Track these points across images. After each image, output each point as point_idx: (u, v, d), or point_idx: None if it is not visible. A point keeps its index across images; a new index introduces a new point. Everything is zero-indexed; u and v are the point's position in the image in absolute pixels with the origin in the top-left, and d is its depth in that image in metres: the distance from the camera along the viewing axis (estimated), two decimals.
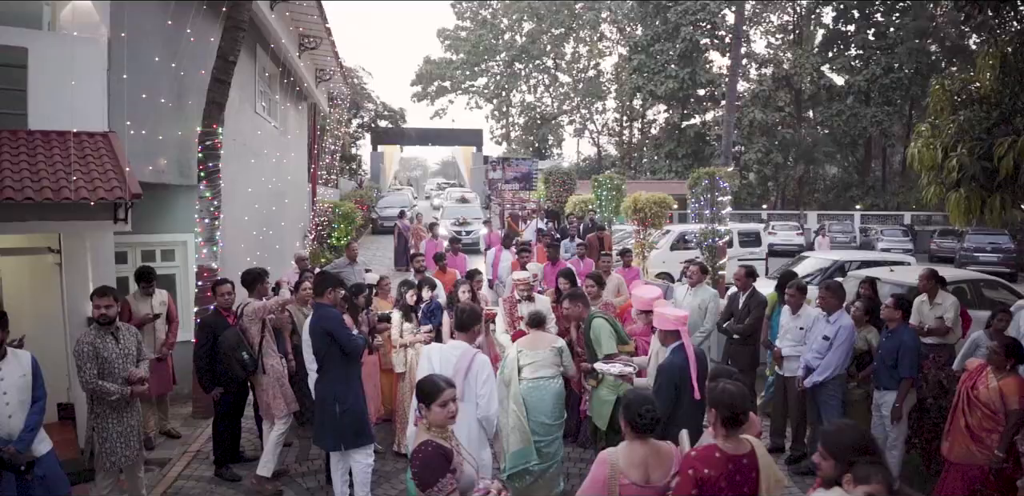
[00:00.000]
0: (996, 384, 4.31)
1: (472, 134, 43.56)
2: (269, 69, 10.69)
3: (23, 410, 3.87)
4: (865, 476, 2.17)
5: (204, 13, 6.51)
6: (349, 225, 18.27)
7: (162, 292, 6.28)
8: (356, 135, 36.89)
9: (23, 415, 3.86)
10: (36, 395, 3.97)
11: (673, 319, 4.03)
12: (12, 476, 3.71)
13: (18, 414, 3.85)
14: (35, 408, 3.93)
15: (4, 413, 3.79)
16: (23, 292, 6.08)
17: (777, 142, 30.97)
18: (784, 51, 32.92)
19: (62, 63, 5.22)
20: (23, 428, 3.83)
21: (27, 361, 3.99)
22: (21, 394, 3.88)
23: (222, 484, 5.33)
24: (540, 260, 10.20)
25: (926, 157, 7.16)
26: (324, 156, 16.69)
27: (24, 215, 4.74)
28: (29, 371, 3.96)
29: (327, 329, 4.46)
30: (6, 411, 3.80)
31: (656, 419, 2.79)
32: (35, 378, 3.98)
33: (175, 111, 6.80)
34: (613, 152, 42.98)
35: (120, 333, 4.58)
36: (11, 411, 3.82)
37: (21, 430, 3.81)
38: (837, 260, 11.21)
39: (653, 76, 31.88)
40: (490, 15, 42.73)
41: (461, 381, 3.78)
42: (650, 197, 11.90)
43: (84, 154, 5.12)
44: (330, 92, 16.71)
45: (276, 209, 9.70)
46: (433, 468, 2.79)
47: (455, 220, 19.87)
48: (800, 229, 25.61)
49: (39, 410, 3.96)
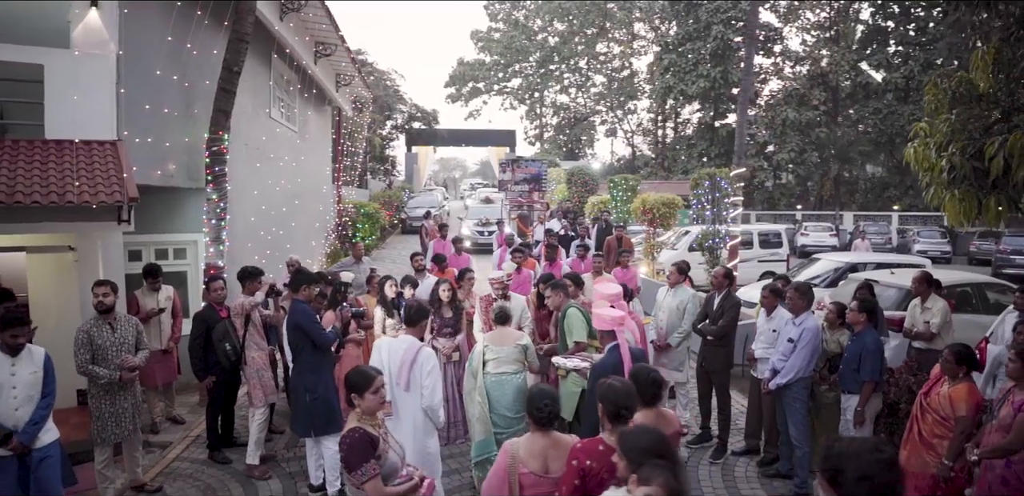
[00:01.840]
0: (947, 391, 4.29)
1: (505, 135, 43.88)
2: (286, 75, 11.18)
3: (31, 404, 4.09)
4: (647, 477, 2.15)
5: (207, 27, 6.95)
6: (374, 225, 18.79)
7: (168, 288, 6.73)
8: (389, 137, 37.62)
9: (30, 409, 4.08)
10: (45, 392, 4.17)
11: (609, 319, 4.18)
12: (15, 461, 3.99)
13: (25, 408, 4.07)
14: (42, 403, 4.14)
15: (11, 406, 4.02)
16: (48, 287, 6.63)
17: (812, 141, 30.35)
18: (820, 48, 32.24)
19: (75, 78, 5.71)
20: (28, 421, 4.04)
21: (40, 358, 4.19)
22: (30, 389, 4.10)
23: (213, 466, 5.74)
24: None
25: (921, 157, 7.10)
26: (349, 158, 17.19)
27: (34, 217, 5.21)
28: (40, 368, 4.16)
29: (299, 323, 4.81)
30: (13, 404, 4.03)
31: (553, 413, 2.99)
32: (46, 375, 4.18)
33: (183, 119, 7.27)
34: (648, 152, 42.75)
35: (118, 323, 4.99)
36: (18, 404, 4.05)
37: (26, 423, 4.03)
38: (849, 262, 11.09)
39: (684, 75, 31.65)
40: (523, 17, 42.99)
41: (407, 372, 4.06)
42: (658, 198, 12.02)
43: (92, 161, 5.58)
44: (354, 96, 17.21)
45: (288, 210, 10.16)
46: (359, 453, 3.02)
47: (478, 220, 20.19)
48: (833, 230, 25.10)
49: (46, 406, 4.17)
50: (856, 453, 1.83)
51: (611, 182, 14.80)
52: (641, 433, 2.50)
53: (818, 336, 5.31)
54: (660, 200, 11.95)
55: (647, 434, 2.47)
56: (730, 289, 6.24)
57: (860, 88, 31.18)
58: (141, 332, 5.15)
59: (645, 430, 2.54)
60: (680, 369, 6.67)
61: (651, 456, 2.29)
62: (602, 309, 4.42)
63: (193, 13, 6.87)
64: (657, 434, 2.49)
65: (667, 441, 2.48)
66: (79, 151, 5.59)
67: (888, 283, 8.22)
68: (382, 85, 33.32)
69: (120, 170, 5.51)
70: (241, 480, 5.47)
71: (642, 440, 2.42)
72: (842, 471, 1.82)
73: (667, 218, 12.01)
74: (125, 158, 5.68)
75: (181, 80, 7.02)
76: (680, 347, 6.61)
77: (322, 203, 13.63)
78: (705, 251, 10.74)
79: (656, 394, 3.26)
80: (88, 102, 5.77)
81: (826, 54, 31.61)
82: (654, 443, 2.40)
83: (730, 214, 11.93)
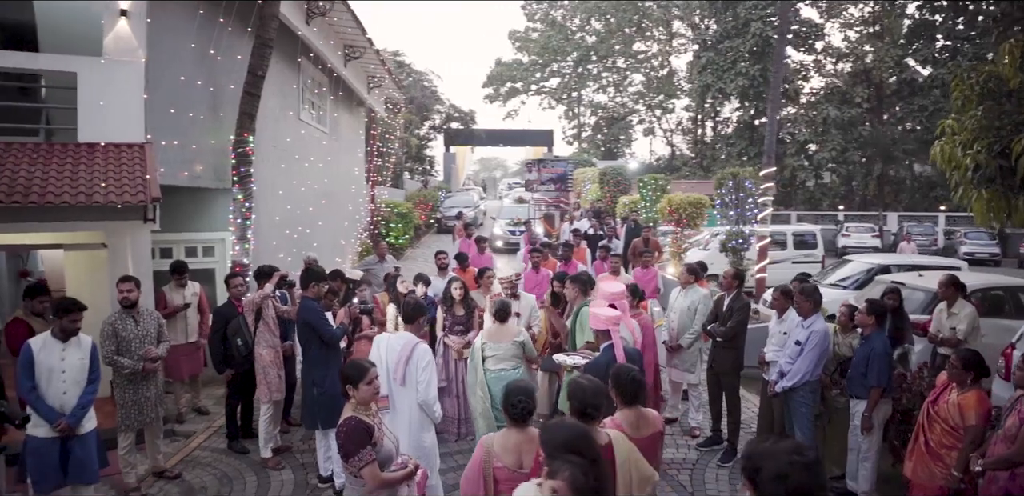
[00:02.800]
0: (955, 398, 4.17)
1: (542, 134, 43.91)
2: (316, 78, 11.48)
3: (78, 389, 4.42)
4: (555, 471, 2.17)
5: (231, 33, 7.22)
6: (407, 224, 19.08)
7: (194, 284, 7.02)
8: (427, 137, 38.06)
9: (77, 393, 4.41)
10: (91, 377, 4.51)
11: (604, 319, 4.23)
12: (59, 443, 4.32)
13: (73, 392, 4.39)
14: (88, 389, 4.47)
15: (60, 389, 4.35)
16: (84, 282, 6.98)
17: (854, 140, 29.49)
18: (864, 44, 31.28)
19: (105, 84, 6.03)
20: (75, 405, 4.38)
21: (87, 345, 4.54)
22: (78, 375, 4.43)
23: (231, 456, 5.98)
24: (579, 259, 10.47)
25: (948, 155, 6.89)
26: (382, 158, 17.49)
27: (66, 216, 5.52)
28: (88, 355, 4.51)
29: (307, 320, 4.99)
30: (62, 388, 4.35)
31: (527, 410, 3.05)
32: (92, 362, 4.54)
33: (210, 122, 7.56)
34: (687, 152, 42.20)
35: (141, 316, 5.27)
36: (67, 388, 4.37)
37: (73, 407, 4.38)
38: (880, 263, 10.80)
39: (722, 74, 31.15)
40: (560, 16, 42.93)
41: (403, 368, 4.18)
42: (685, 197, 11.89)
43: (120, 163, 5.87)
44: (386, 97, 17.51)
45: (314, 209, 10.44)
46: (355, 440, 3.17)
47: (510, 220, 20.33)
48: (876, 231, 24.38)
49: (92, 391, 4.48)
50: (774, 453, 1.83)
51: (640, 182, 14.69)
52: (561, 428, 2.53)
53: (826, 339, 5.22)
54: (687, 200, 11.82)
55: (566, 429, 2.50)
56: (740, 290, 6.18)
57: (905, 85, 30.16)
58: (163, 325, 5.41)
59: (566, 425, 2.56)
60: (692, 370, 6.66)
61: (566, 451, 2.30)
62: (599, 308, 4.47)
63: (216, 20, 7.14)
64: (577, 430, 2.51)
65: (587, 437, 2.49)
66: (108, 153, 5.89)
67: (915, 286, 8.00)
68: (419, 86, 33.74)
69: (145, 171, 5.78)
70: (256, 470, 5.69)
71: (560, 435, 2.45)
72: (760, 469, 1.82)
73: (694, 218, 11.86)
74: (151, 160, 5.95)
75: (206, 85, 7.31)
76: (692, 348, 6.59)
77: (352, 202, 13.92)
78: (730, 252, 10.57)
79: (636, 394, 3.28)
80: (117, 107, 6.08)
81: (870, 50, 30.65)
82: (571, 438, 2.41)
83: (759, 214, 11.74)
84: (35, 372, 4.30)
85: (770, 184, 11.74)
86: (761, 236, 11.91)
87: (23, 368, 4.29)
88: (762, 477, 1.82)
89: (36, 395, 4.29)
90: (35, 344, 4.37)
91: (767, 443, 1.93)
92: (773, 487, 1.79)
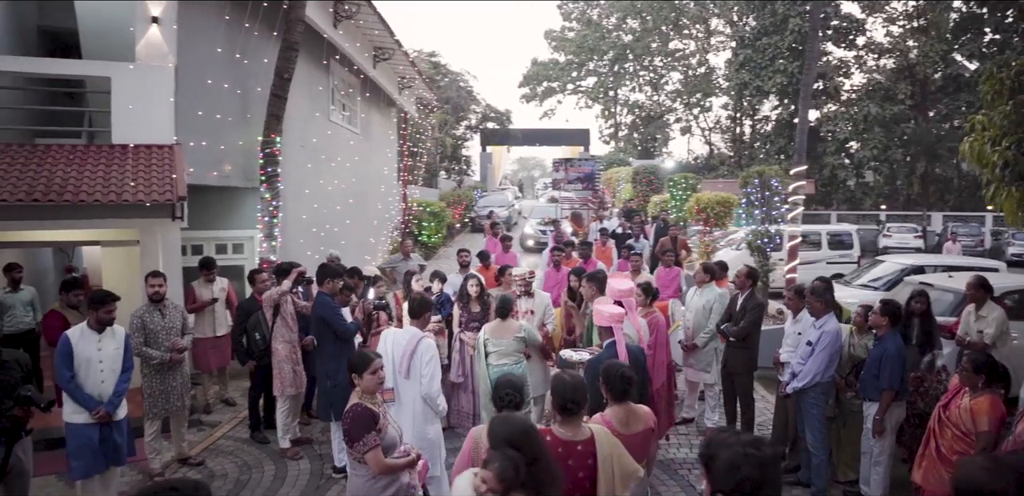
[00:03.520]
0: (967, 403, 4.07)
1: (579, 134, 43.75)
2: (346, 79, 11.74)
3: (114, 378, 4.66)
4: (487, 462, 2.26)
5: (257, 38, 7.48)
6: (439, 223, 19.31)
7: (223, 280, 7.28)
8: (463, 137, 38.31)
9: (113, 381, 4.66)
10: (125, 366, 4.75)
11: (608, 316, 4.27)
12: (98, 428, 4.56)
13: (110, 380, 4.64)
14: (123, 377, 4.72)
15: (99, 378, 4.58)
16: (120, 277, 7.33)
17: (897, 137, 28.57)
18: (907, 39, 30.27)
19: (137, 88, 6.32)
20: (112, 393, 4.63)
21: (121, 336, 4.78)
22: (114, 364, 4.68)
23: (253, 445, 6.21)
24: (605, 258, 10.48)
25: (977, 152, 6.70)
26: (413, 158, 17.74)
27: (99, 214, 5.82)
28: (121, 345, 4.77)
29: (321, 314, 5.15)
30: (100, 377, 4.59)
31: (514, 402, 3.12)
32: (125, 351, 4.80)
33: (238, 124, 7.84)
34: (725, 150, 41.52)
35: (167, 310, 5.53)
36: (104, 377, 4.61)
37: (111, 394, 4.63)
38: (912, 264, 10.50)
39: (760, 71, 30.55)
40: (596, 15, 42.70)
41: (407, 361, 4.29)
42: (713, 197, 11.78)
43: (150, 163, 6.15)
44: (419, 98, 17.75)
45: (342, 208, 10.69)
46: (360, 425, 3.30)
47: (540, 219, 20.38)
48: (919, 231, 23.62)
49: (126, 379, 4.74)
50: (730, 444, 1.87)
51: (670, 181, 14.58)
52: (505, 422, 2.59)
53: (838, 340, 5.14)
54: (715, 199, 11.70)
55: (511, 425, 2.56)
56: (753, 289, 6.13)
57: (951, 80, 29.07)
58: (186, 318, 5.66)
59: (512, 421, 2.62)
60: (708, 370, 6.62)
61: (506, 445, 2.39)
62: (603, 305, 4.51)
63: (242, 24, 7.40)
64: (521, 425, 2.56)
65: (529, 434, 2.52)
66: (139, 154, 6.18)
67: (944, 287, 7.76)
68: (455, 86, 34.00)
69: (173, 171, 6.04)
70: (275, 459, 5.89)
71: (504, 429, 2.52)
72: (715, 458, 1.87)
73: (722, 217, 11.73)
74: (179, 161, 6.21)
75: (234, 87, 7.58)
76: (707, 348, 6.55)
77: (382, 201, 14.17)
78: (755, 251, 10.41)
79: (626, 390, 3.31)
80: (149, 110, 6.37)
81: (914, 45, 29.64)
82: (513, 433, 2.48)
83: (789, 213, 11.54)
84: (73, 362, 4.51)
85: (801, 183, 11.53)
86: (792, 235, 11.71)
87: (61, 359, 4.51)
88: (716, 466, 1.87)
89: (75, 384, 4.50)
90: (72, 335, 4.59)
91: (727, 434, 1.98)
92: (724, 476, 1.84)
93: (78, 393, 4.51)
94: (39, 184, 5.55)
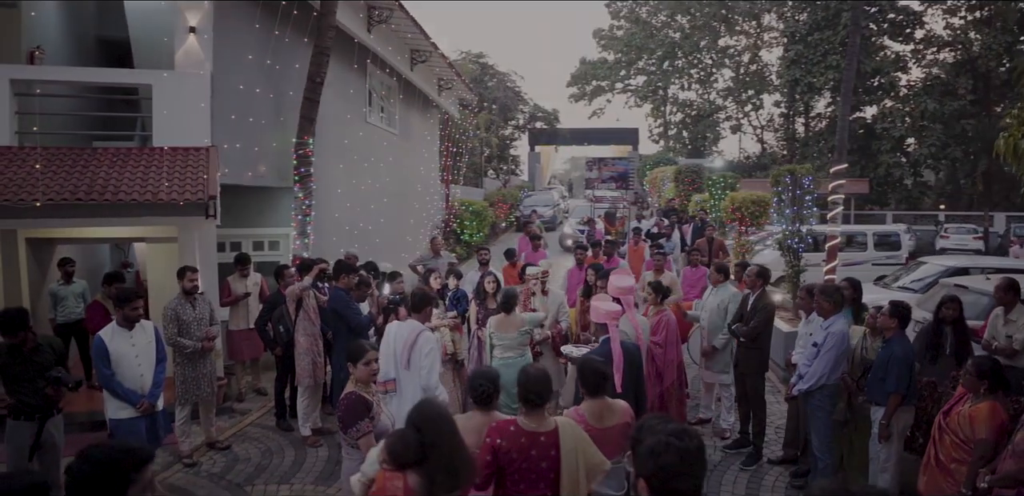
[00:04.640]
0: (967, 410, 3.98)
1: (627, 133, 43.35)
2: (384, 81, 12.08)
3: (151, 370, 4.88)
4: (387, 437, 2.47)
5: (289, 44, 7.83)
6: (482, 222, 19.58)
7: (256, 275, 7.66)
8: (511, 137, 38.56)
9: (152, 373, 4.89)
10: (159, 357, 4.98)
11: (604, 313, 4.35)
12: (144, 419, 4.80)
13: (148, 373, 4.86)
14: (159, 368, 4.95)
15: (137, 372, 4.79)
16: (163, 272, 7.80)
17: (956, 134, 27.26)
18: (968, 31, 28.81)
19: (176, 94, 6.74)
20: (152, 384, 4.86)
21: (151, 329, 4.98)
22: (148, 357, 4.89)
23: (278, 432, 6.54)
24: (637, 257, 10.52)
25: (1011, 147, 6.46)
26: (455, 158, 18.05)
27: (138, 212, 6.25)
28: (153, 338, 4.96)
29: (335, 308, 5.42)
30: (138, 371, 4.80)
31: (487, 393, 3.25)
32: (158, 343, 5.00)
33: (272, 126, 8.23)
34: (777, 149, 40.47)
35: (197, 302, 5.89)
36: (143, 371, 4.83)
37: (151, 386, 4.89)
38: (954, 266, 10.12)
39: (812, 67, 29.65)
40: (645, 13, 42.23)
41: (408, 353, 4.49)
42: (748, 196, 11.60)
43: (186, 164, 6.55)
44: (460, 99, 18.03)
45: (376, 207, 11.02)
46: (354, 412, 3.51)
47: (580, 219, 20.43)
48: (979, 233, 22.53)
49: (162, 370, 4.97)
50: (657, 430, 1.91)
51: (708, 180, 14.40)
52: (419, 407, 2.71)
53: (844, 341, 5.06)
54: (749, 198, 11.52)
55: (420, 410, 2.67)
56: (764, 289, 6.08)
57: (1015, 74, 27.53)
58: (214, 310, 6.01)
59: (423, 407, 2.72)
60: (727, 371, 6.58)
61: (411, 426, 2.55)
62: (600, 302, 4.59)
63: (272, 31, 7.76)
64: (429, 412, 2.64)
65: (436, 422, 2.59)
66: (176, 156, 6.59)
67: (979, 290, 7.50)
68: (502, 87, 34.26)
69: (207, 172, 6.42)
70: (297, 446, 6.21)
71: (414, 412, 2.65)
72: (640, 442, 1.92)
73: (757, 217, 11.54)
74: (214, 162, 6.59)
75: (267, 92, 7.95)
76: (725, 349, 6.53)
77: (419, 201, 14.49)
78: (786, 252, 10.21)
79: (600, 385, 3.40)
80: (186, 114, 6.79)
81: (976, 38, 28.20)
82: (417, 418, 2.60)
83: (828, 213, 11.29)
84: (110, 361, 4.72)
85: (841, 182, 11.25)
86: (831, 236, 11.44)
87: (98, 358, 4.73)
88: (640, 450, 1.92)
89: (116, 381, 4.73)
90: (105, 335, 4.75)
91: (657, 420, 2.05)
92: (645, 460, 1.88)
93: (120, 389, 4.70)
94: (83, 184, 6.01)
